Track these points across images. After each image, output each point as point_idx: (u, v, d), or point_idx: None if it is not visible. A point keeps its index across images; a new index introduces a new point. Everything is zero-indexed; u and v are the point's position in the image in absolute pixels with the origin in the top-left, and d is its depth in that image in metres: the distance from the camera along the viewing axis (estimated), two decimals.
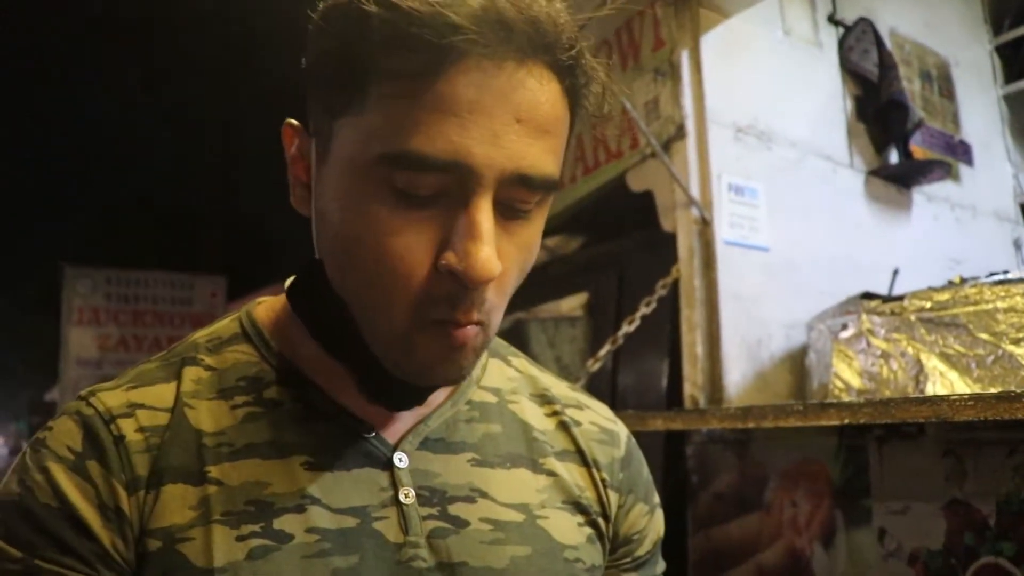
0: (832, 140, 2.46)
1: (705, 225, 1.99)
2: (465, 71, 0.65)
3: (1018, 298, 1.52)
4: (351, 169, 0.69)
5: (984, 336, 1.55)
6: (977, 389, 1.54)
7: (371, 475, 0.79)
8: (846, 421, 1.40)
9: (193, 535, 0.72)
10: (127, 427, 0.75)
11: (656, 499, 0.99)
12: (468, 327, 0.71)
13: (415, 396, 0.79)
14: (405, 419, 0.82)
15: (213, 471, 0.74)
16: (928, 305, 1.65)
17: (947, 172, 2.63)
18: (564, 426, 0.93)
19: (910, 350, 1.65)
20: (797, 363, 2.08)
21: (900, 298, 1.72)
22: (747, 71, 2.23)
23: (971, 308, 1.58)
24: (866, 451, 1.58)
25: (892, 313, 1.70)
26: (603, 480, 0.91)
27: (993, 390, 1.52)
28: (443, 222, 0.68)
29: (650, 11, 2.20)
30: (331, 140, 0.72)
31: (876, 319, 1.72)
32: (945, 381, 1.59)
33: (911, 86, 2.84)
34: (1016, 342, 1.51)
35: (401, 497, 0.78)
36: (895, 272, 2.40)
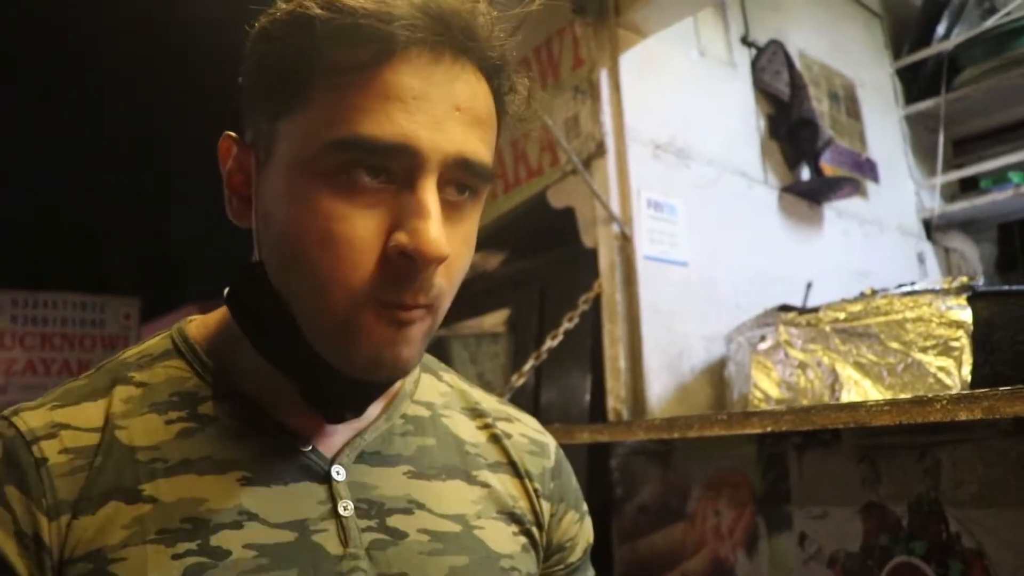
0: (747, 157, 2.53)
1: (626, 240, 2.03)
2: (408, 61, 0.68)
3: (924, 308, 1.59)
4: (297, 162, 0.70)
5: (895, 345, 1.61)
6: (889, 395, 1.60)
7: (309, 489, 0.78)
8: (768, 429, 1.43)
9: (126, 555, 0.70)
10: (50, 449, 0.73)
11: (585, 507, 1.02)
12: (415, 310, 0.71)
13: (357, 399, 0.79)
14: (341, 433, 0.82)
15: (147, 488, 0.73)
16: (842, 316, 1.71)
17: (856, 188, 2.73)
18: (496, 439, 0.94)
19: (826, 360, 1.70)
20: (716, 375, 2.12)
21: (815, 310, 1.78)
22: (665, 90, 2.28)
23: (882, 318, 1.64)
24: (785, 459, 1.62)
25: (808, 324, 1.75)
26: (535, 490, 0.93)
27: (904, 396, 1.58)
28: (389, 207, 0.69)
29: (569, 30, 2.23)
30: (273, 142, 0.73)
31: (793, 330, 1.77)
32: (859, 389, 1.64)
33: (820, 106, 2.94)
34: (924, 350, 1.57)
35: (340, 510, 0.78)
36: (808, 285, 2.47)
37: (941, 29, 3.39)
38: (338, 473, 0.80)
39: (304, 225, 0.70)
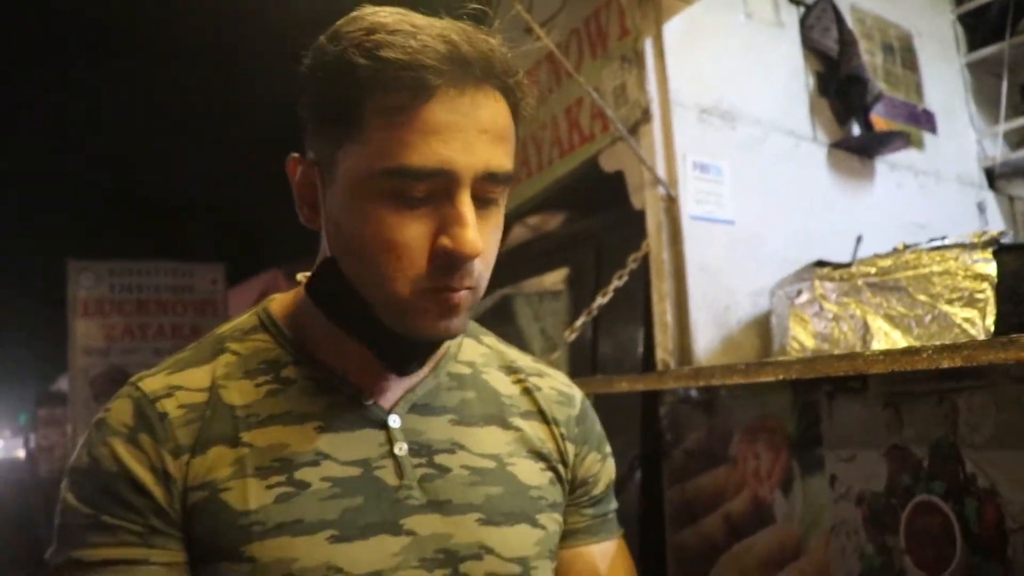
0: (795, 116, 2.59)
1: (671, 202, 2.14)
2: (440, 100, 0.85)
3: (951, 262, 1.67)
4: (358, 184, 0.88)
5: (922, 297, 1.70)
6: (917, 345, 1.69)
7: (371, 434, 0.98)
8: (780, 376, 1.55)
9: (232, 486, 0.91)
10: (169, 405, 0.94)
11: (608, 449, 1.22)
12: (461, 292, 0.90)
13: (419, 355, 0.99)
14: (395, 390, 1.02)
15: (245, 436, 0.93)
16: (873, 271, 1.80)
17: (906, 142, 2.77)
18: (528, 391, 1.14)
19: (858, 312, 1.79)
20: (764, 327, 2.23)
21: (848, 265, 1.87)
22: (710, 55, 2.36)
23: (911, 272, 1.73)
24: (818, 406, 1.73)
25: (841, 279, 1.84)
26: (561, 434, 1.12)
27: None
28: (434, 216, 0.88)
29: (615, 1, 2.33)
30: (336, 165, 0.91)
31: (828, 285, 1.87)
32: (889, 339, 1.74)
33: (873, 59, 2.97)
34: (950, 302, 1.66)
35: (396, 450, 0.98)
36: (859, 239, 2.54)
37: None
38: (394, 421, 1.00)
39: (368, 234, 0.88)
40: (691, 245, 2.13)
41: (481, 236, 0.89)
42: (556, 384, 1.19)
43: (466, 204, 0.87)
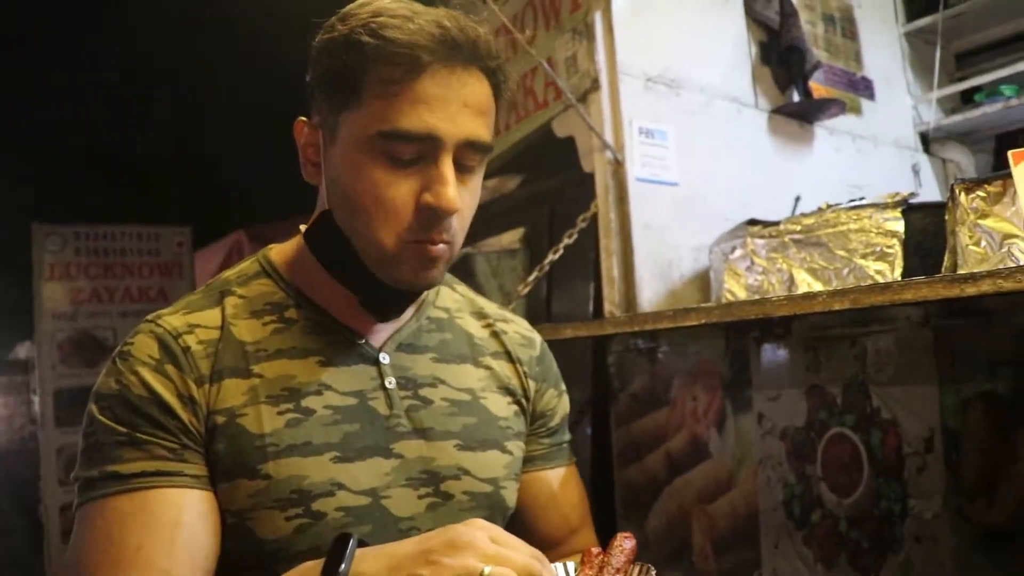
0: (738, 83, 2.75)
1: (618, 165, 2.29)
2: (430, 75, 1.00)
3: (865, 220, 1.84)
4: (355, 146, 1.03)
5: (840, 252, 1.88)
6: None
7: (365, 369, 1.14)
8: (702, 321, 1.73)
9: (247, 412, 1.05)
10: (190, 340, 1.08)
11: (563, 387, 1.42)
12: (440, 245, 1.05)
13: (399, 304, 1.15)
14: (385, 331, 1.19)
15: (256, 368, 1.08)
16: (798, 228, 1.97)
17: (842, 109, 2.94)
18: (495, 334, 1.32)
19: (784, 266, 1.97)
20: (704, 281, 2.40)
21: (777, 223, 2.04)
22: (657, 26, 2.51)
23: (831, 230, 1.90)
24: (747, 351, 1.91)
25: (771, 236, 2.02)
26: (524, 372, 1.31)
27: None
28: (420, 177, 1.02)
29: None
30: (337, 129, 1.06)
31: (759, 241, 2.04)
32: (811, 290, 1.91)
33: (814, 29, 3.13)
34: (864, 256, 1.84)
35: (386, 383, 1.14)
36: (796, 199, 2.72)
37: None
38: (384, 358, 1.16)
39: (361, 190, 1.03)
40: (636, 205, 2.29)
41: (460, 198, 1.03)
42: (519, 328, 1.37)
43: (448, 166, 1.02)
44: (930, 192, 3.47)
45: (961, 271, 1.62)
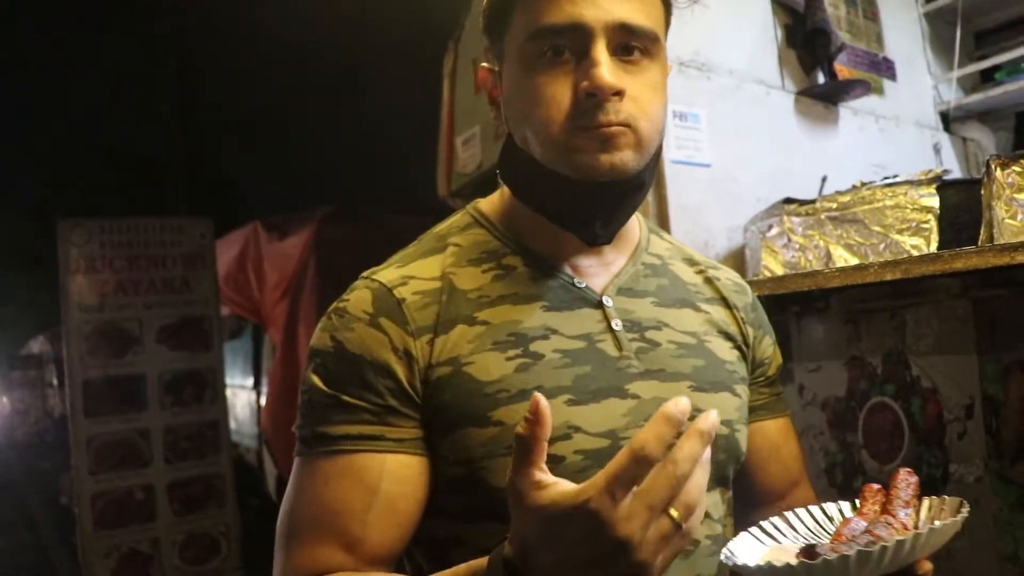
0: (765, 66, 2.80)
1: None
2: None
3: (901, 197, 1.90)
4: (514, 58, 1.07)
5: (877, 228, 1.94)
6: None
7: (589, 313, 1.12)
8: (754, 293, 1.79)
9: (473, 360, 1.04)
10: (405, 292, 1.08)
11: (774, 336, 1.38)
12: (612, 127, 1.01)
13: (602, 215, 1.09)
14: (603, 276, 1.17)
15: (480, 315, 1.07)
16: (834, 206, 2.03)
17: (867, 89, 2.99)
18: (708, 280, 1.29)
19: (821, 243, 2.03)
20: (739, 259, 2.46)
21: (813, 201, 2.10)
22: (687, 10, 2.55)
23: (867, 207, 1.96)
24: (788, 324, 1.98)
25: (807, 214, 2.08)
26: (741, 319, 1.27)
27: None
28: (576, 70, 1.02)
29: None
30: (503, 56, 1.10)
31: (795, 219, 2.10)
32: (863, 263, 1.98)
33: (837, 12, 3.18)
34: (900, 232, 1.90)
35: (614, 325, 1.12)
36: (823, 178, 2.77)
37: None
38: (607, 301, 1.14)
39: (525, 94, 1.05)
40: (672, 187, 2.35)
41: (628, 83, 1.01)
42: (730, 275, 1.34)
43: (599, 51, 1.00)
44: (952, 171, 3.51)
45: (999, 243, 1.68)
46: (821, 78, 2.94)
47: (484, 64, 1.16)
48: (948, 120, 3.60)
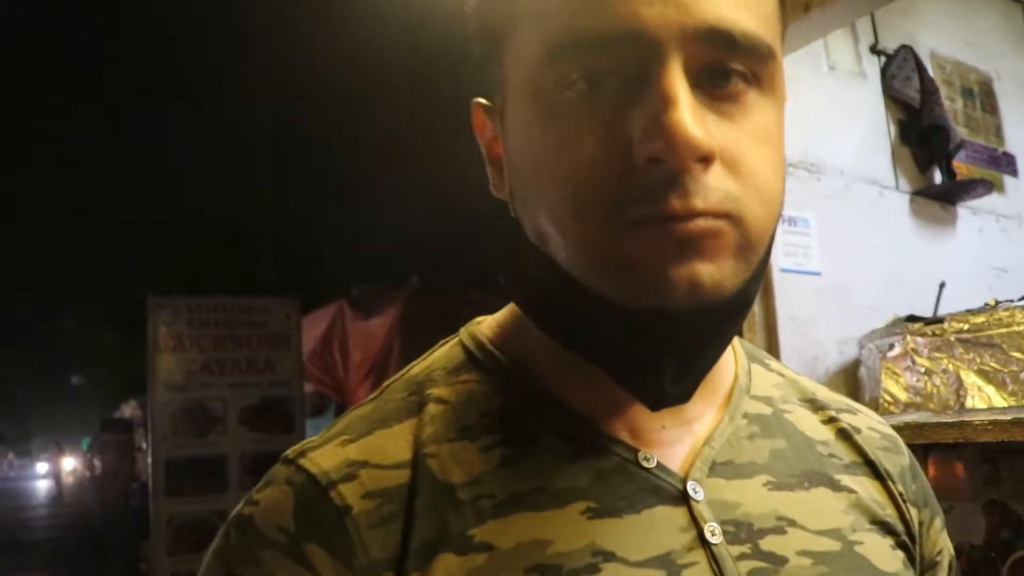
0: (877, 165, 2.64)
1: None
2: None
3: None
4: (520, 91, 0.62)
5: (1016, 354, 1.74)
6: (1012, 402, 1.73)
7: (665, 514, 0.65)
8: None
9: None
10: (351, 494, 0.62)
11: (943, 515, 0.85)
12: (697, 219, 0.55)
13: (674, 362, 0.61)
14: (683, 442, 0.69)
15: (478, 534, 0.61)
16: (965, 327, 1.84)
17: (989, 188, 2.80)
18: (845, 434, 0.79)
19: (950, 367, 1.84)
20: (851, 376, 2.27)
21: (940, 320, 1.91)
22: (795, 108, 2.41)
23: (1004, 329, 1.77)
24: (911, 450, 1.78)
25: (933, 334, 1.89)
26: (900, 494, 0.77)
27: None
28: (627, 111, 0.56)
29: None
30: (505, 84, 0.65)
31: (919, 340, 1.91)
32: (983, 394, 1.78)
33: (953, 105, 3.00)
34: None
35: (708, 536, 0.65)
36: (941, 285, 2.57)
37: None
38: (695, 491, 0.66)
39: (538, 156, 0.60)
40: (781, 297, 2.19)
41: (724, 137, 0.56)
42: (874, 424, 0.83)
43: (670, 79, 0.54)
44: None
45: None
46: (938, 177, 2.75)
47: (480, 100, 0.71)
48: None
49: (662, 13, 0.53)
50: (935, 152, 2.71)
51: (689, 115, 0.53)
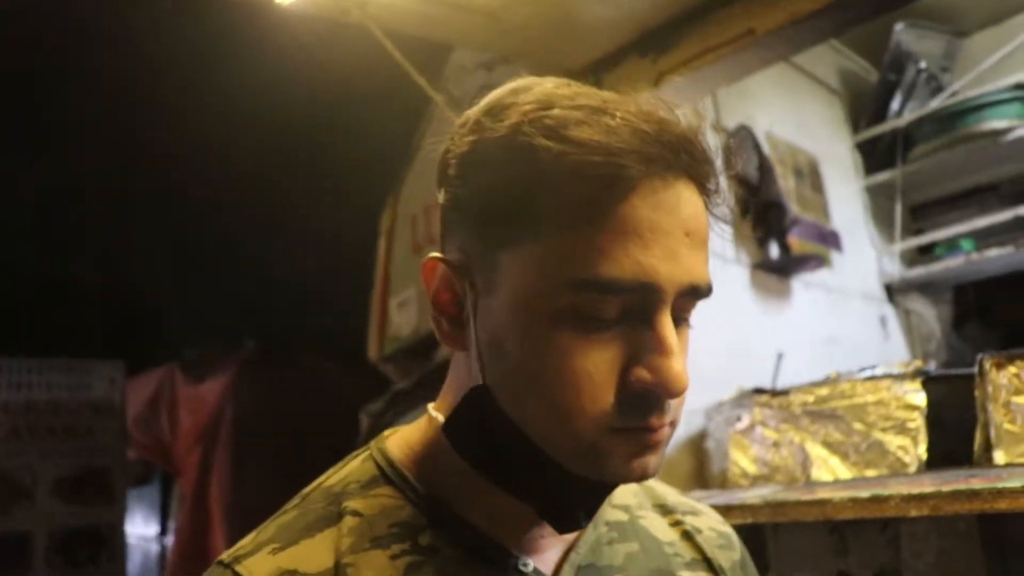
0: (720, 239, 2.72)
1: None
2: (640, 193, 0.67)
3: (884, 392, 1.78)
4: (532, 298, 0.69)
5: (858, 426, 1.80)
6: (854, 472, 1.78)
7: None
8: (749, 520, 1.61)
9: None
10: None
11: None
12: (661, 430, 0.71)
13: (590, 503, 0.77)
14: (555, 547, 0.82)
15: None
16: (811, 399, 1.89)
17: (820, 263, 2.94)
18: (688, 535, 0.93)
19: (796, 439, 1.88)
20: (697, 447, 2.29)
21: (786, 392, 1.96)
22: None
23: (846, 401, 1.83)
24: (763, 531, 1.79)
25: (780, 407, 1.94)
26: None
27: (869, 473, 1.77)
28: (625, 341, 0.69)
29: None
30: (497, 272, 0.71)
31: (767, 411, 1.95)
32: (827, 466, 1.82)
33: (786, 183, 3.16)
34: (884, 430, 1.76)
35: None
36: (779, 356, 2.66)
37: (895, 105, 3.62)
38: None
39: (542, 361, 0.69)
40: None
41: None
42: (713, 523, 0.99)
43: (668, 328, 0.69)
44: (897, 344, 3.48)
45: (997, 451, 1.55)
46: (775, 251, 2.87)
47: (437, 255, 0.77)
48: (892, 292, 3.58)
49: (670, 271, 0.68)
50: (772, 226, 2.82)
51: (682, 365, 0.69)
